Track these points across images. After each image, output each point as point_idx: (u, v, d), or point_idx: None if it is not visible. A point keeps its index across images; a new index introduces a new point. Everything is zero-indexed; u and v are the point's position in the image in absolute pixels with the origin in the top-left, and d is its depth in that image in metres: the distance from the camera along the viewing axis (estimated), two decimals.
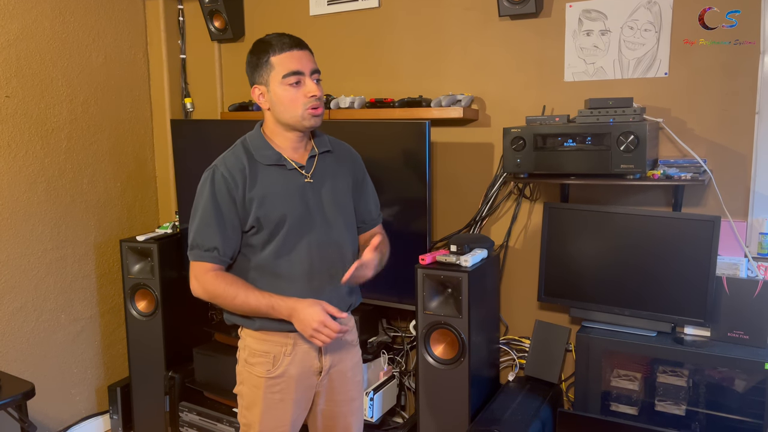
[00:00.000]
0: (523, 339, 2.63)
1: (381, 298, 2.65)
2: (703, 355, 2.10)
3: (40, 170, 2.87)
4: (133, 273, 2.94)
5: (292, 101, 1.72)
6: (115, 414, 3.10)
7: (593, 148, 2.10)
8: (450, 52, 2.67)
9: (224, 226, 1.72)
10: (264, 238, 1.75)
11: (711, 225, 2.09)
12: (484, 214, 2.65)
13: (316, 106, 1.74)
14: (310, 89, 1.72)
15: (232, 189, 1.72)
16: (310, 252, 1.78)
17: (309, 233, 1.78)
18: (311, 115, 1.74)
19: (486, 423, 2.22)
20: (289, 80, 1.71)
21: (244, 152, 1.76)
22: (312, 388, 1.86)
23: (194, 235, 1.73)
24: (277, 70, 1.72)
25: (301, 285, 1.76)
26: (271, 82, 1.73)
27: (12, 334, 2.80)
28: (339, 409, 1.92)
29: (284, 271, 1.76)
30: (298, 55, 1.72)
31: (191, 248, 1.74)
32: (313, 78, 1.74)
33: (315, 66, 1.76)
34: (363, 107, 2.71)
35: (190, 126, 3.11)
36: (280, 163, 1.77)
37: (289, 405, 1.82)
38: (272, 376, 1.79)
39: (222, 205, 1.72)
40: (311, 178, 1.80)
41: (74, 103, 2.99)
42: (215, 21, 3.12)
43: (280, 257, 1.76)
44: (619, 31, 2.35)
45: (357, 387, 1.97)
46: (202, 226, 1.72)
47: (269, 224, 1.74)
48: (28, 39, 2.78)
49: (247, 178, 1.73)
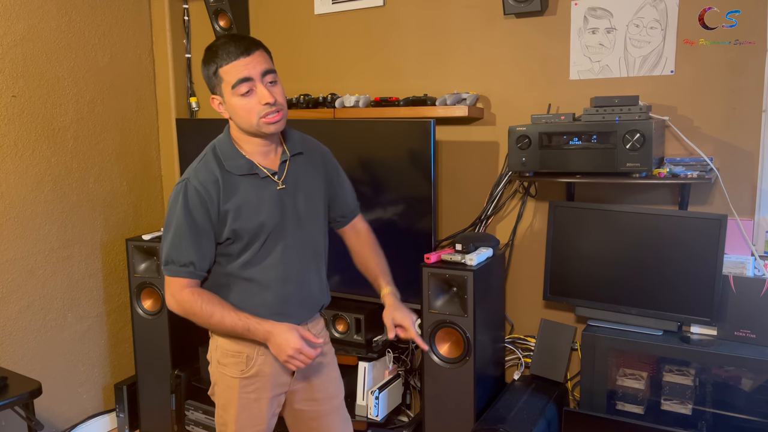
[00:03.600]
0: (529, 338, 2.63)
1: None
2: (709, 354, 2.09)
3: (46, 169, 2.88)
4: (139, 272, 2.95)
5: (247, 111, 1.65)
6: (122, 412, 3.12)
7: (599, 147, 2.09)
8: (455, 50, 2.67)
9: (199, 240, 1.67)
10: (240, 248, 1.72)
11: (718, 223, 2.08)
12: (489, 213, 2.64)
13: (271, 113, 1.66)
14: (262, 96, 1.64)
15: (206, 203, 1.66)
16: (284, 257, 1.76)
17: (284, 239, 1.75)
18: (266, 123, 1.66)
19: (491, 422, 2.22)
20: (240, 90, 1.64)
21: (215, 162, 1.70)
22: (285, 386, 1.85)
23: (168, 251, 1.68)
24: (226, 81, 1.65)
25: (275, 289, 1.75)
26: (224, 94, 1.67)
27: (19, 332, 2.81)
28: (320, 407, 1.91)
29: (259, 277, 1.74)
30: (244, 62, 1.63)
31: (165, 263, 1.69)
32: (265, 81, 1.65)
33: (267, 66, 1.66)
34: (368, 106, 2.71)
35: (195, 125, 3.12)
36: (252, 172, 1.72)
37: (265, 404, 1.81)
38: (246, 376, 1.78)
39: (196, 219, 1.66)
40: (284, 185, 1.76)
41: (80, 102, 3.00)
42: (220, 20, 3.12)
43: (255, 264, 1.74)
44: (624, 29, 2.34)
45: (335, 384, 1.96)
46: (177, 241, 1.67)
47: (246, 235, 1.71)
48: (34, 39, 2.80)
49: (220, 190, 1.67)
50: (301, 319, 1.83)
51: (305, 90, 2.94)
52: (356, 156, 2.63)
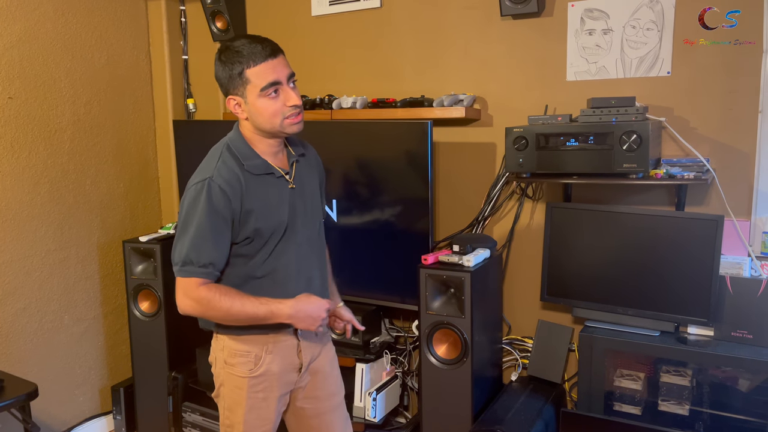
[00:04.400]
0: (526, 339, 2.63)
1: (384, 298, 2.65)
2: (706, 355, 2.10)
3: (43, 171, 2.87)
4: (136, 274, 2.94)
5: (273, 113, 1.67)
6: (119, 414, 3.11)
7: (596, 148, 2.09)
8: (452, 52, 2.67)
9: (221, 240, 1.67)
10: (257, 247, 1.73)
11: (714, 224, 2.08)
12: (486, 214, 2.65)
13: (295, 114, 1.69)
14: (290, 99, 1.67)
15: (230, 201, 1.66)
16: (295, 256, 1.78)
17: (293, 238, 1.78)
18: (291, 124, 1.70)
19: (489, 423, 2.21)
20: (268, 92, 1.65)
21: (235, 162, 1.70)
22: (291, 384, 1.86)
23: (187, 251, 1.64)
24: (254, 83, 1.65)
25: (286, 287, 1.76)
26: (248, 95, 1.67)
27: (16, 334, 2.80)
28: (322, 405, 1.92)
29: (271, 276, 1.75)
30: (273, 64, 1.65)
31: (183, 264, 1.65)
32: (290, 84, 1.69)
33: (290, 70, 1.70)
34: (365, 107, 2.71)
35: (192, 127, 3.11)
36: (269, 171, 1.74)
37: (273, 403, 1.81)
38: (255, 375, 1.78)
39: (219, 219, 1.65)
40: (294, 184, 1.79)
41: (77, 104, 3.00)
42: (217, 22, 3.12)
43: (270, 263, 1.75)
44: (621, 30, 2.35)
45: (336, 382, 1.98)
46: (198, 242, 1.64)
47: (266, 234, 1.72)
48: (31, 40, 2.79)
49: (243, 190, 1.68)
50: None
51: (302, 91, 2.89)
52: (353, 157, 2.63)
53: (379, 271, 2.62)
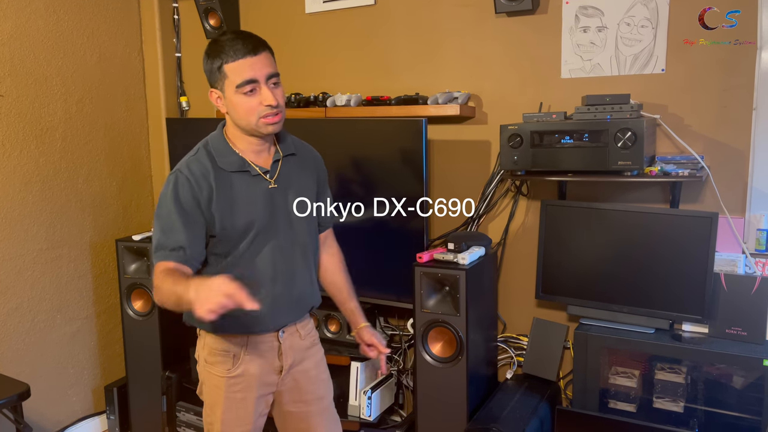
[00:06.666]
0: (521, 337, 2.63)
1: (378, 297, 2.64)
2: (701, 352, 2.10)
3: (34, 170, 2.85)
4: (129, 273, 2.92)
5: (247, 111, 1.66)
6: (112, 414, 3.09)
7: (590, 145, 2.09)
8: (446, 49, 2.66)
9: (190, 226, 1.65)
10: (229, 246, 1.71)
11: (709, 221, 2.09)
12: (481, 212, 2.64)
13: (272, 114, 1.67)
14: (265, 98, 1.65)
15: (196, 192, 1.66)
16: (273, 257, 1.75)
17: (274, 239, 1.75)
18: (266, 124, 1.67)
19: (484, 421, 2.21)
20: (243, 89, 1.64)
21: (207, 158, 1.70)
22: (272, 386, 1.84)
23: (159, 238, 1.65)
24: (231, 79, 1.64)
25: (264, 289, 1.74)
26: (226, 90, 1.67)
27: (7, 334, 2.78)
28: (308, 408, 1.90)
29: (248, 277, 1.71)
30: (251, 62, 1.63)
31: (156, 250, 1.65)
32: (269, 84, 1.66)
33: (272, 70, 1.67)
34: (359, 105, 2.70)
35: (185, 125, 3.10)
36: (244, 169, 1.72)
37: (251, 403, 1.80)
38: (233, 375, 1.77)
39: (186, 207, 1.65)
40: (275, 183, 1.76)
41: (69, 102, 2.97)
42: (210, 19, 3.10)
43: (245, 264, 1.73)
44: (615, 28, 2.35)
45: (324, 385, 1.95)
46: (168, 228, 1.65)
47: (235, 232, 1.70)
48: (21, 38, 2.77)
49: (212, 185, 1.67)
50: (290, 320, 1.83)
51: (296, 89, 2.92)
52: (348, 155, 2.62)
53: (373, 270, 2.61)
